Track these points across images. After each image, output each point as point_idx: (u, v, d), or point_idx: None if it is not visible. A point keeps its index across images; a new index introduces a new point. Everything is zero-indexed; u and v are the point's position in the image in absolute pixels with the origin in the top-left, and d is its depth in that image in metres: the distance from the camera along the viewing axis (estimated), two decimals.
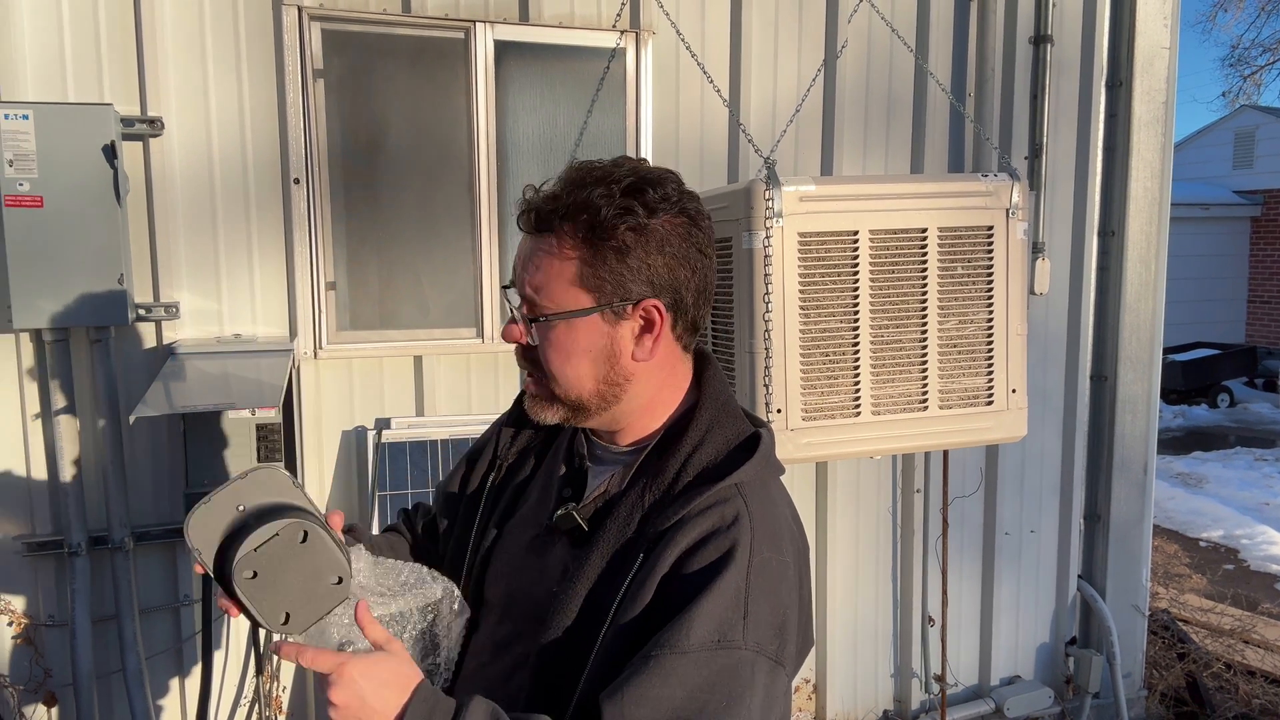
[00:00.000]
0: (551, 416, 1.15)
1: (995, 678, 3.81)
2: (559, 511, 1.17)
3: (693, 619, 1.00)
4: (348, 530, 1.31)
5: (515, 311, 1.13)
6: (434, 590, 1.10)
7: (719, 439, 1.13)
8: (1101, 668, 3.79)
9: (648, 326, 1.11)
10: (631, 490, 1.13)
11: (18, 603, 2.66)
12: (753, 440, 1.13)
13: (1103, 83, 3.69)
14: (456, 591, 1.13)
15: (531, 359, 1.14)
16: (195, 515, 1.00)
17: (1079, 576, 3.91)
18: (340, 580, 1.01)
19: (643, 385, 1.15)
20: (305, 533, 0.98)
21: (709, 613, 1.00)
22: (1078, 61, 3.65)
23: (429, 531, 1.44)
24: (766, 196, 2.34)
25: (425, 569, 1.12)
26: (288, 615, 0.99)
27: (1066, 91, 3.64)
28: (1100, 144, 3.71)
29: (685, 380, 1.20)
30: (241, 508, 1.01)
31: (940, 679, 3.53)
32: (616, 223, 1.06)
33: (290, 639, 1.02)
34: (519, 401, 1.35)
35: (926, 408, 2.53)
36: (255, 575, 0.97)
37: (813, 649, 3.13)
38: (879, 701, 3.68)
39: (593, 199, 1.06)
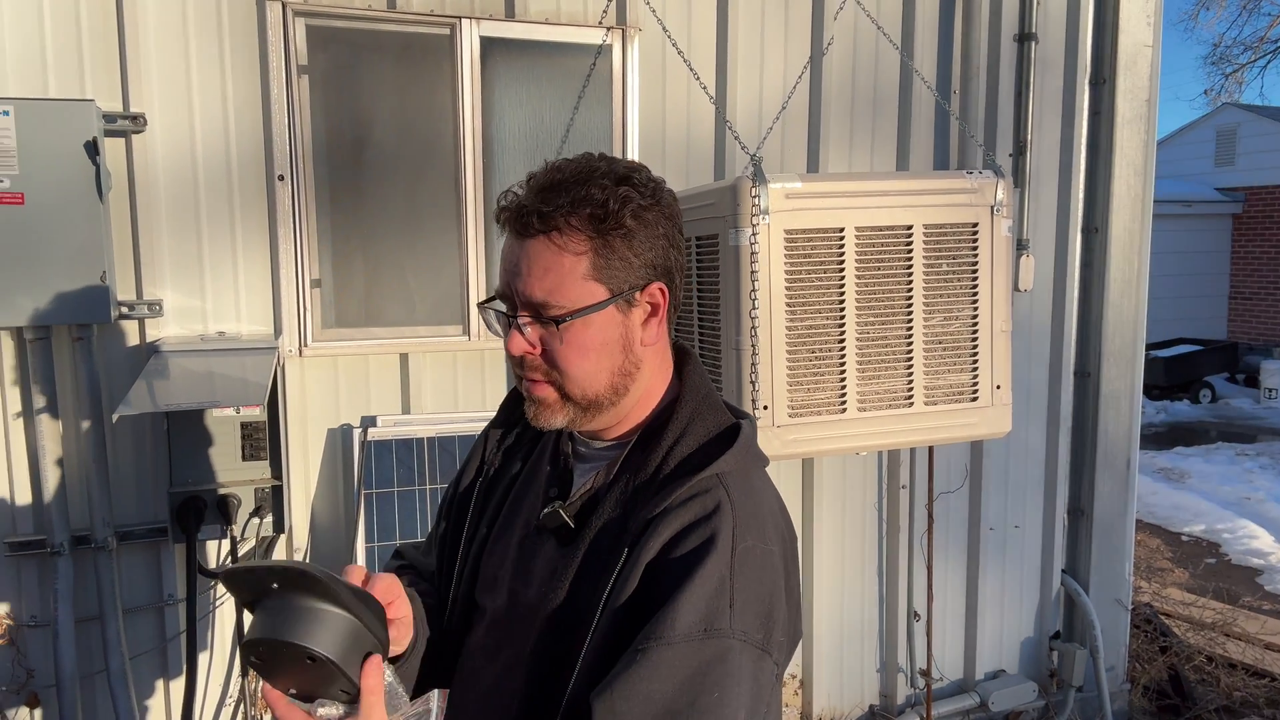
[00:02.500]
0: (560, 420, 1.12)
1: (980, 672, 3.84)
2: (545, 510, 1.16)
3: (678, 609, 1.00)
4: (401, 569, 1.31)
5: (513, 321, 1.10)
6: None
7: (700, 430, 1.14)
8: (1085, 661, 3.82)
9: (653, 310, 1.13)
10: (615, 485, 1.13)
11: (0, 604, 2.64)
12: (733, 431, 1.14)
13: (1086, 80, 3.72)
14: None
15: (538, 364, 1.11)
16: (230, 573, 0.97)
17: (1063, 571, 3.93)
18: (346, 693, 0.97)
19: (646, 371, 1.16)
20: (312, 658, 0.93)
21: (693, 602, 1.00)
22: (1062, 59, 3.67)
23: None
24: (753, 194, 2.34)
25: (434, 693, 1.07)
26: (292, 694, 0.97)
27: (1050, 89, 3.66)
28: (1084, 141, 3.74)
29: (670, 370, 1.20)
30: (276, 586, 0.95)
31: (925, 674, 3.55)
32: (622, 210, 1.07)
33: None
34: (506, 404, 1.34)
35: (912, 404, 2.54)
36: (258, 662, 0.95)
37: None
38: (865, 697, 3.69)
39: (592, 192, 1.07)
